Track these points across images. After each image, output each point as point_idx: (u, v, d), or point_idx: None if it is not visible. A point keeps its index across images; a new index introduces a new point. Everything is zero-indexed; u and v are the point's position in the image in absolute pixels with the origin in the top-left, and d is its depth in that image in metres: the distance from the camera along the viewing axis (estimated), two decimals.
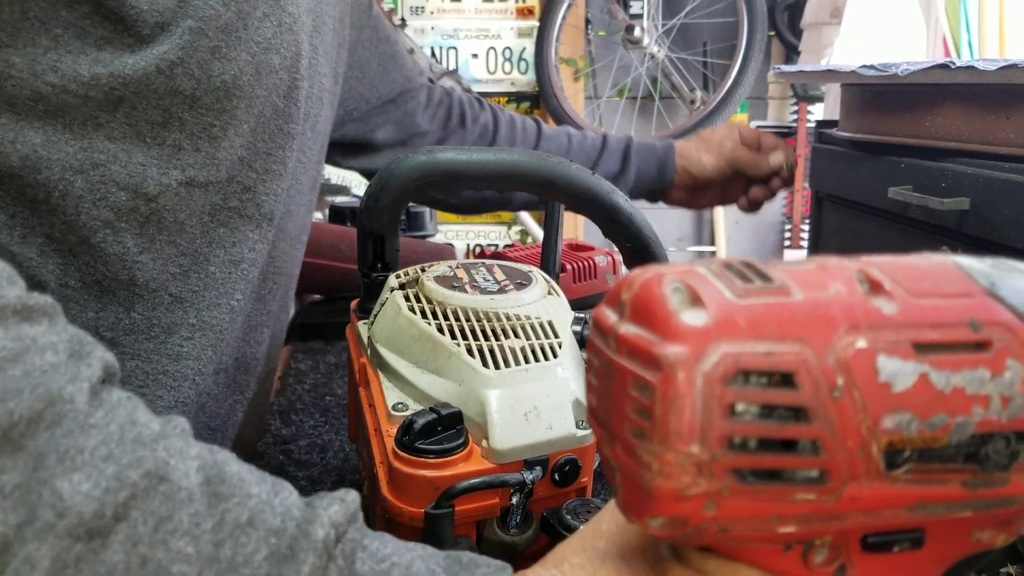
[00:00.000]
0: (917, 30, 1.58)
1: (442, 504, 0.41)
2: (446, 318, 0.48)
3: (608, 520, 0.32)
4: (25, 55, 0.45)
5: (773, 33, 2.77)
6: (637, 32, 2.55)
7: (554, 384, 0.45)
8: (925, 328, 0.21)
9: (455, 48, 2.79)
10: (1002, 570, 0.54)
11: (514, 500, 0.43)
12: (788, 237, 3.05)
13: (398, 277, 0.54)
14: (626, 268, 0.62)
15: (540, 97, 2.77)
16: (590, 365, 0.25)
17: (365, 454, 0.54)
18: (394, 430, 0.44)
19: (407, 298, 0.51)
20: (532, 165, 0.55)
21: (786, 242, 3.06)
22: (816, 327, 0.21)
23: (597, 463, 0.50)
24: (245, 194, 0.56)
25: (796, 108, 2.93)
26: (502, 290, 0.51)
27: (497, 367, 0.44)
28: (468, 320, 0.48)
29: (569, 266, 1.21)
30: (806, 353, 0.20)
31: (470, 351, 0.45)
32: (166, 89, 0.49)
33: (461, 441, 0.42)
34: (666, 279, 0.22)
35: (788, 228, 3.05)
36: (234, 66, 0.51)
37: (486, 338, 0.47)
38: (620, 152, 0.99)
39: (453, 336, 0.46)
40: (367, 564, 0.31)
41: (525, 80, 2.82)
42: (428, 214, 1.48)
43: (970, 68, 0.82)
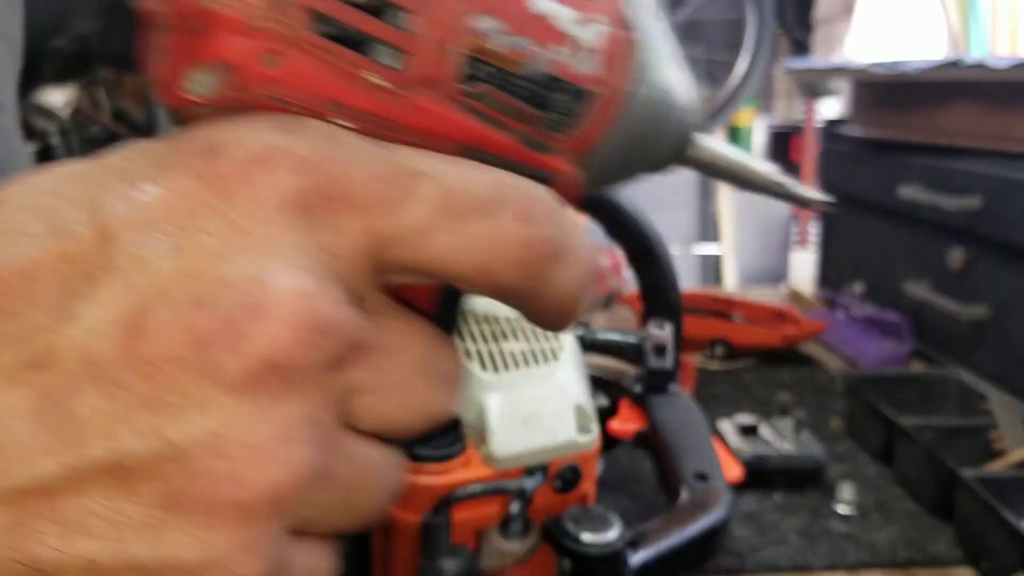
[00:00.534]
0: (933, 27, 1.57)
1: (440, 512, 0.40)
2: None
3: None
4: None
5: (781, 29, 2.75)
6: None
7: (555, 388, 0.44)
8: None
9: None
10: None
11: (514, 508, 0.42)
12: (795, 237, 3.04)
13: None
14: (628, 268, 0.61)
15: None
16: None
17: None
18: None
19: None
20: None
21: (793, 241, 3.04)
22: None
23: (600, 469, 0.49)
24: None
25: (804, 106, 2.92)
26: None
27: (496, 370, 0.44)
28: (466, 322, 0.47)
29: None
30: None
31: (468, 354, 0.44)
32: None
33: (459, 447, 0.41)
34: None
35: (795, 227, 3.04)
36: None
37: (485, 341, 0.46)
38: None
39: None
40: None
41: None
42: None
43: (981, 65, 0.80)
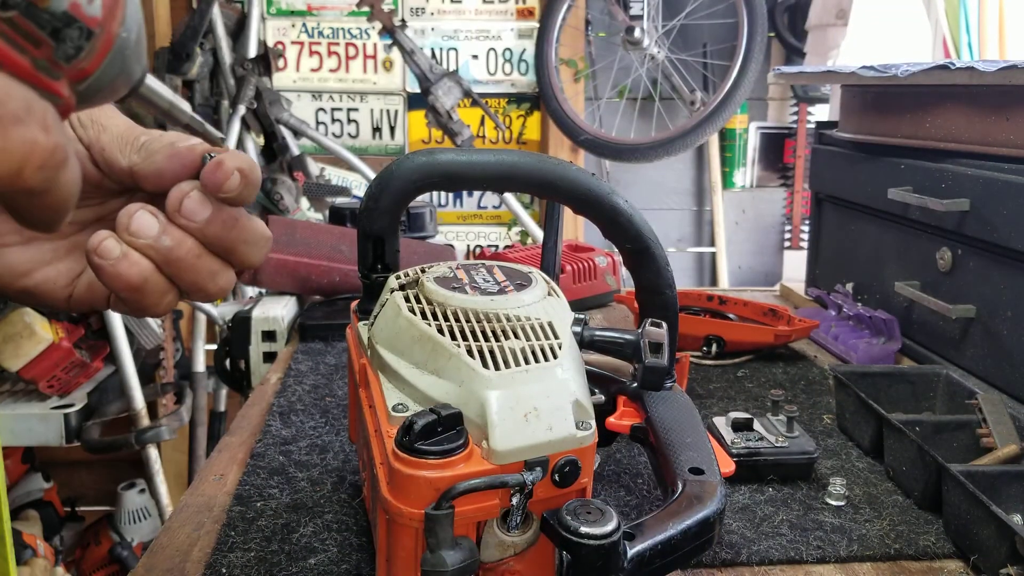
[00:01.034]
0: (922, 32, 1.58)
1: (442, 505, 0.41)
2: (446, 319, 0.48)
3: None
4: None
5: (773, 34, 2.77)
6: (637, 33, 2.55)
7: (554, 385, 0.45)
8: None
9: (455, 49, 2.79)
10: (1002, 571, 0.54)
11: (514, 501, 0.43)
12: (788, 238, 3.05)
13: (398, 278, 0.54)
14: (626, 269, 0.62)
15: (540, 98, 2.77)
16: None
17: (365, 455, 0.54)
18: (394, 431, 0.44)
19: (407, 299, 0.51)
20: (532, 166, 0.55)
21: (786, 242, 3.06)
22: None
23: (597, 464, 0.50)
24: None
25: (796, 109, 2.93)
26: (502, 291, 0.51)
27: (497, 368, 0.44)
28: (468, 321, 0.48)
29: (569, 267, 1.21)
30: None
31: (470, 352, 0.45)
32: None
33: (461, 442, 0.42)
34: None
35: (788, 229, 3.05)
36: None
37: (486, 339, 0.47)
38: None
39: (453, 337, 0.47)
40: None
41: (525, 81, 2.82)
42: (428, 215, 1.48)
43: (970, 69, 0.82)
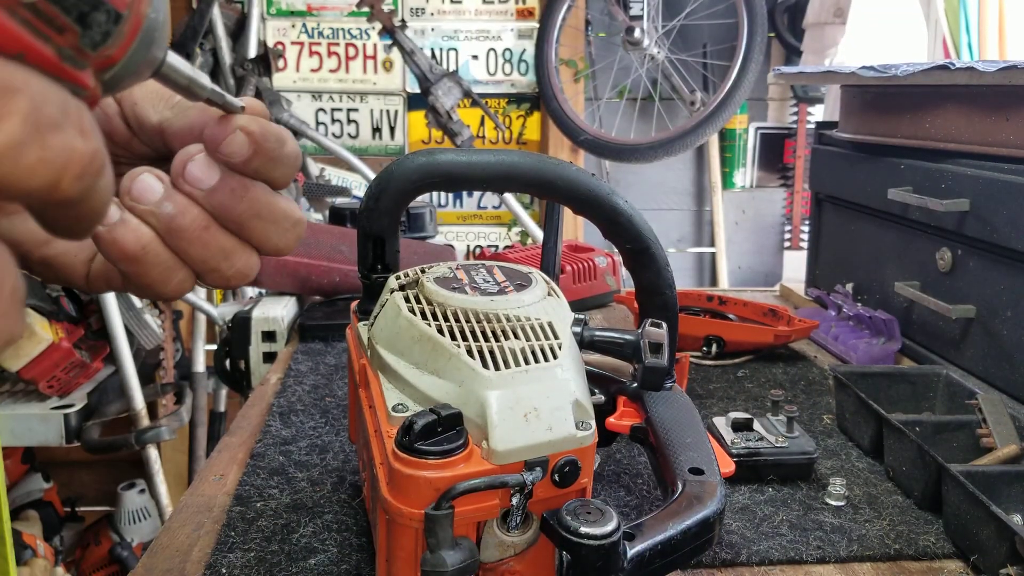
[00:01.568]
0: (919, 30, 1.58)
1: (442, 505, 0.41)
2: (446, 319, 0.48)
3: None
4: None
5: (773, 35, 2.77)
6: (637, 33, 2.55)
7: (554, 385, 0.45)
8: None
9: (455, 49, 2.79)
10: (1002, 571, 0.54)
11: (514, 501, 0.43)
12: (788, 238, 3.06)
13: (398, 278, 0.54)
14: (626, 269, 0.62)
15: (540, 98, 2.77)
16: None
17: (365, 455, 0.54)
18: (394, 431, 0.44)
19: (407, 299, 0.51)
20: (532, 166, 0.55)
21: (786, 243, 3.06)
22: None
23: (597, 464, 0.50)
24: None
25: (796, 109, 2.93)
26: (502, 291, 0.51)
27: (497, 368, 0.44)
28: (468, 321, 0.48)
29: (569, 267, 1.21)
30: None
31: (470, 352, 0.45)
32: None
33: (461, 442, 0.42)
34: None
35: (788, 229, 3.05)
36: None
37: (486, 339, 0.47)
38: None
39: (453, 337, 0.47)
40: None
41: (525, 81, 2.82)
42: (428, 215, 1.48)
43: (970, 69, 0.82)
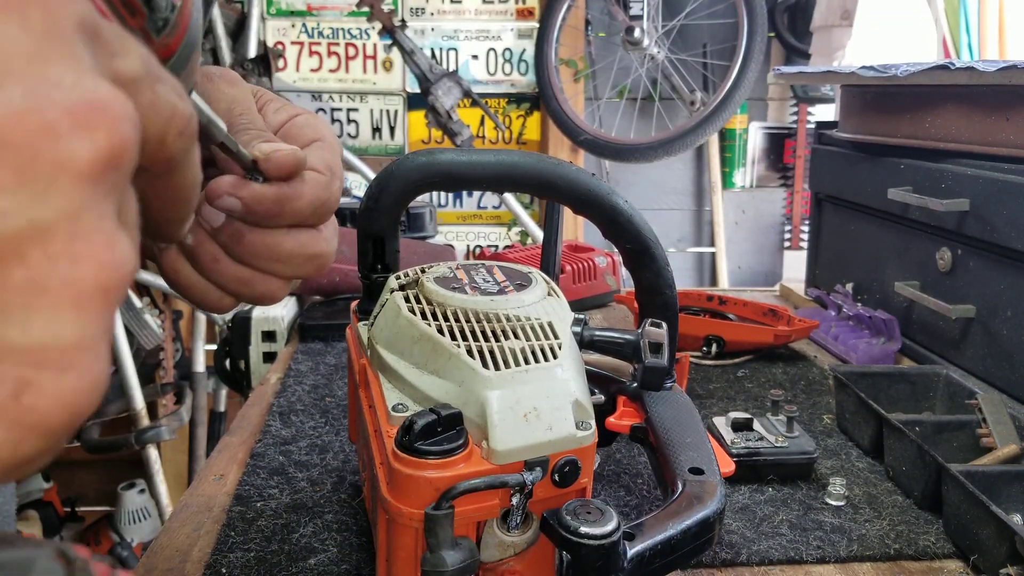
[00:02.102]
0: (928, 32, 1.58)
1: (442, 505, 0.41)
2: (446, 319, 0.48)
3: None
4: None
5: (773, 34, 2.77)
6: (637, 33, 2.55)
7: (554, 385, 0.45)
8: None
9: (455, 49, 2.79)
10: (1002, 571, 0.54)
11: (514, 501, 0.43)
12: (788, 238, 3.06)
13: (398, 278, 0.54)
14: (626, 269, 0.62)
15: (540, 98, 2.77)
16: None
17: (365, 455, 0.54)
18: (394, 431, 0.44)
19: (407, 299, 0.51)
20: (532, 166, 0.55)
21: (786, 243, 3.06)
22: None
23: (597, 464, 0.50)
24: None
25: (796, 109, 2.93)
26: (502, 291, 0.51)
27: (497, 368, 0.44)
28: (468, 321, 0.48)
29: (569, 267, 1.21)
30: None
31: (470, 352, 0.45)
32: None
33: (461, 442, 0.42)
34: None
35: (788, 229, 3.05)
36: None
37: (486, 339, 0.47)
38: None
39: (453, 337, 0.47)
40: None
41: (525, 81, 2.82)
42: (428, 215, 1.48)
43: (970, 69, 0.82)
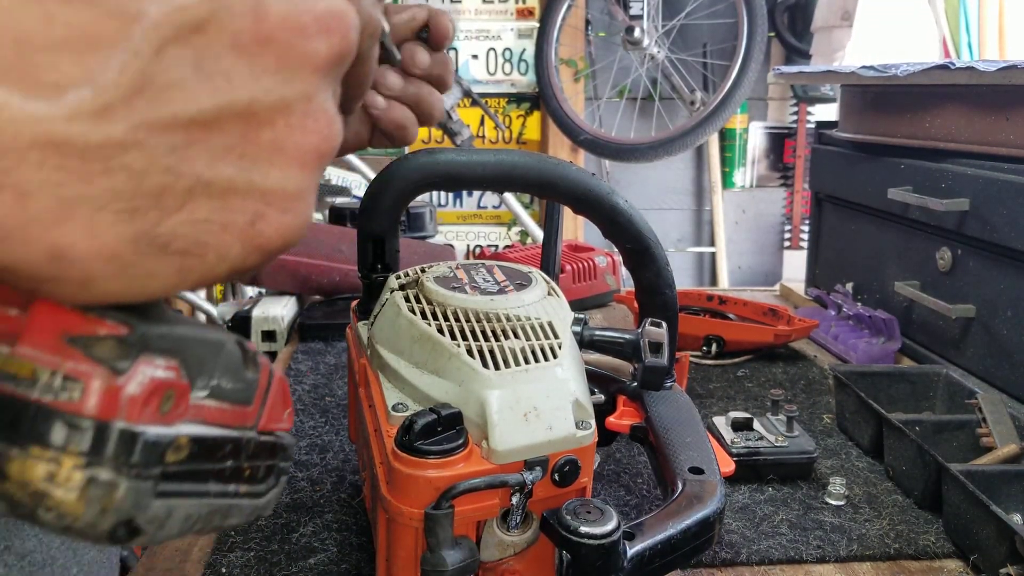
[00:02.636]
0: (928, 33, 1.58)
1: (442, 504, 0.41)
2: (446, 319, 0.48)
3: None
4: None
5: (773, 34, 2.77)
6: (637, 33, 2.55)
7: (554, 385, 0.45)
8: None
9: (455, 49, 2.79)
10: (1001, 571, 0.54)
11: (514, 500, 0.43)
12: (788, 238, 3.06)
13: (398, 278, 0.54)
14: (626, 269, 0.62)
15: (540, 98, 2.77)
16: None
17: (365, 454, 0.54)
18: (394, 430, 0.44)
19: (407, 299, 0.51)
20: (532, 166, 0.55)
21: (786, 242, 3.06)
22: None
23: (597, 463, 0.50)
24: None
25: (796, 109, 2.93)
26: (502, 291, 0.51)
27: (497, 368, 0.44)
28: (468, 321, 0.48)
29: (569, 267, 1.21)
30: None
31: (470, 352, 0.45)
32: None
33: (461, 442, 0.42)
34: None
35: (788, 228, 3.05)
36: None
37: (486, 339, 0.47)
38: None
39: (453, 337, 0.47)
40: None
41: (525, 81, 2.82)
42: (428, 215, 1.48)
43: (970, 69, 0.82)
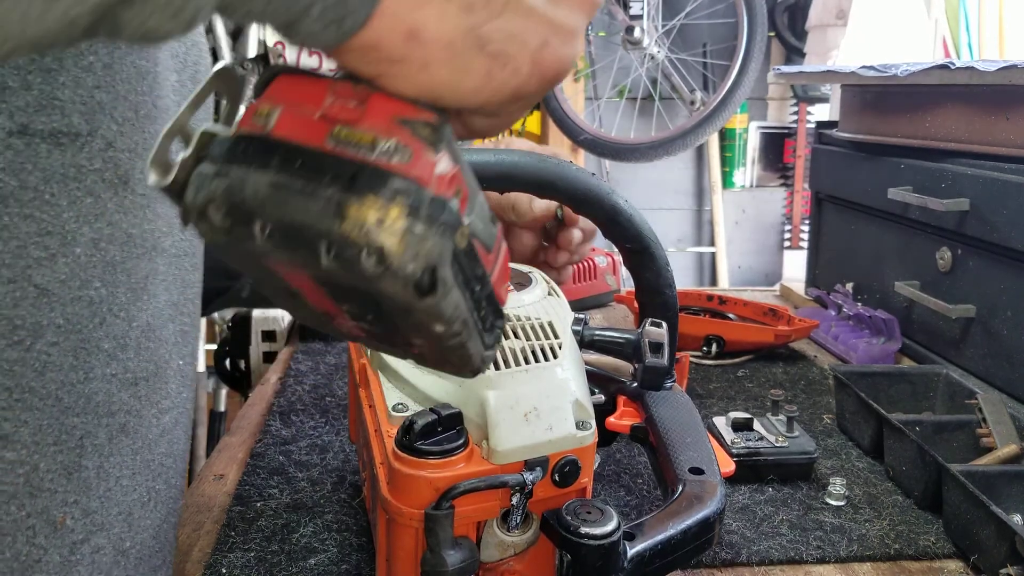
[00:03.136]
0: (923, 32, 1.58)
1: (442, 505, 0.41)
2: None
3: None
4: None
5: (773, 34, 2.77)
6: (637, 33, 2.55)
7: (554, 385, 0.45)
8: None
9: None
10: (1002, 571, 0.54)
11: (514, 501, 0.43)
12: (788, 237, 3.06)
13: None
14: (626, 269, 0.62)
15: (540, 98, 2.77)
16: None
17: (365, 455, 0.54)
18: (394, 431, 0.44)
19: None
20: (533, 166, 0.55)
21: (786, 242, 3.06)
22: None
23: (597, 463, 0.50)
24: (108, 151, 0.43)
25: (796, 109, 2.93)
26: None
27: (497, 368, 0.44)
28: None
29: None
30: None
31: None
32: None
33: (461, 442, 0.42)
34: None
35: (788, 228, 3.05)
36: None
37: None
38: None
39: None
40: None
41: None
42: None
43: (970, 69, 0.82)
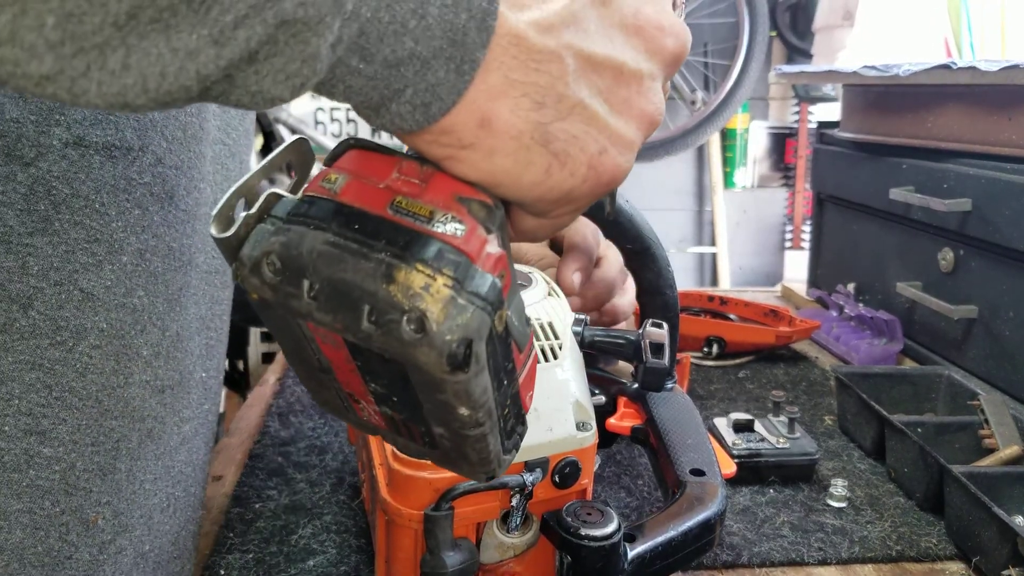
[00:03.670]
0: (930, 32, 1.58)
1: (442, 506, 0.40)
2: None
3: None
4: None
5: (775, 33, 2.77)
6: None
7: (554, 386, 0.45)
8: None
9: None
10: (1004, 572, 0.54)
11: (514, 502, 0.43)
12: (789, 238, 3.05)
13: None
14: (627, 269, 0.62)
15: None
16: None
17: (364, 456, 0.54)
18: None
19: None
20: None
21: (787, 243, 3.06)
22: None
23: (598, 465, 0.50)
24: (157, 167, 0.46)
25: (797, 109, 2.93)
26: None
27: None
28: None
29: None
30: None
31: None
32: None
33: None
34: None
35: (789, 229, 3.05)
36: None
37: None
38: None
39: None
40: None
41: None
42: None
43: (972, 69, 0.81)
